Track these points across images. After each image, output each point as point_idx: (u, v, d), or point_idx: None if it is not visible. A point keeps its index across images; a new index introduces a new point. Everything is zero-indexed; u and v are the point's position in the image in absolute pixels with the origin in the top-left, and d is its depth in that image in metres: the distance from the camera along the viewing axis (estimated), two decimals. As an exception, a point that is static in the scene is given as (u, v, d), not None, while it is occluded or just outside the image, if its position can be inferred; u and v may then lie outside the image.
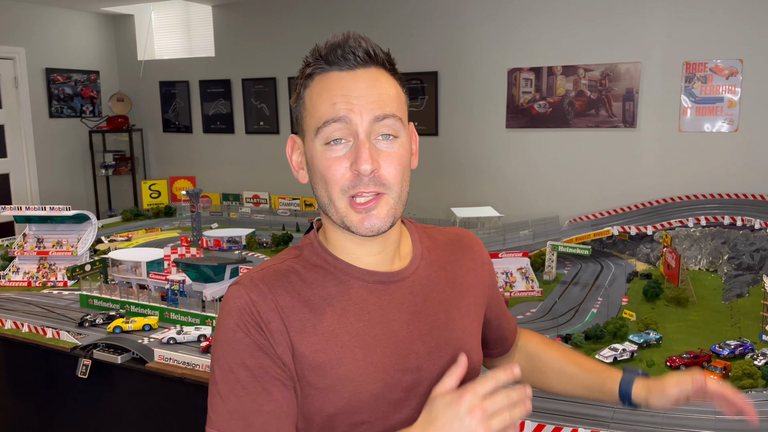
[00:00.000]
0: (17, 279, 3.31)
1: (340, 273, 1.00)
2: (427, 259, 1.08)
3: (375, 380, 0.95)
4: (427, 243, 1.11)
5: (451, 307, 1.06)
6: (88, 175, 6.07)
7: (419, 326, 1.01)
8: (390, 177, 0.94)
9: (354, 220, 0.95)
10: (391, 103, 0.95)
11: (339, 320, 0.96)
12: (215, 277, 2.93)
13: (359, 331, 0.96)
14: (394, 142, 0.95)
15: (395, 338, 0.99)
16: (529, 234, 3.90)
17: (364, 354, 0.96)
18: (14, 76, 5.40)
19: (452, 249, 1.13)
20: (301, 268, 1.00)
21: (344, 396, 0.94)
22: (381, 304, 0.99)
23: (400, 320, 1.00)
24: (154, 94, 6.11)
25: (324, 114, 0.93)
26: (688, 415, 1.79)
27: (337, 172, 0.93)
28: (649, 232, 3.56)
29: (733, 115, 3.81)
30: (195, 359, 2.17)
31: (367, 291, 0.99)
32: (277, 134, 5.52)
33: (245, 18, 5.51)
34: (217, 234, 4.10)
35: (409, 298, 1.02)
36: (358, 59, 0.94)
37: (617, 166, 4.20)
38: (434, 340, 1.02)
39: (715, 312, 2.74)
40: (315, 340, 0.94)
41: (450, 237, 1.16)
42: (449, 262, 1.11)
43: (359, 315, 0.97)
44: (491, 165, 4.56)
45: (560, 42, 4.27)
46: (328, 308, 0.97)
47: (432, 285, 1.06)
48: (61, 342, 2.42)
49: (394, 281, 1.02)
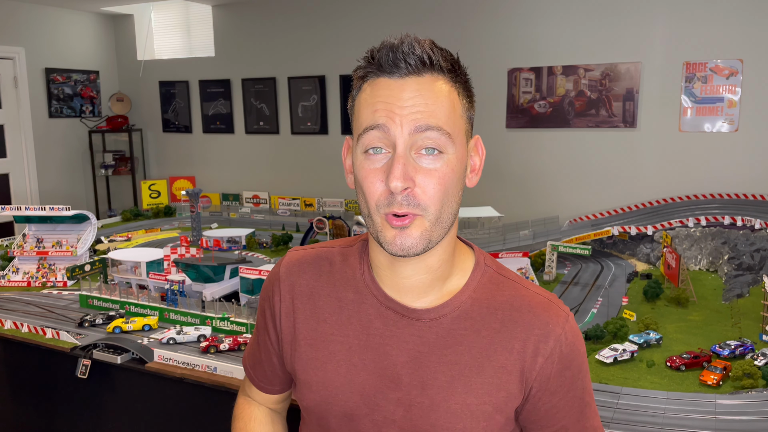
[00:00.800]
0: (17, 279, 3.31)
1: (362, 283, 0.98)
2: (464, 312, 0.94)
3: (347, 399, 0.96)
4: (483, 294, 0.96)
5: (459, 375, 0.92)
6: (88, 175, 6.07)
7: (412, 374, 0.93)
8: (426, 197, 0.85)
9: (387, 237, 0.88)
10: (439, 115, 0.86)
11: (340, 328, 0.97)
12: (215, 277, 2.93)
13: (352, 347, 0.96)
14: (437, 159, 0.86)
15: (384, 372, 0.94)
16: (529, 234, 3.90)
17: (346, 370, 0.96)
18: (14, 76, 5.40)
19: (505, 315, 0.94)
20: (340, 260, 1.02)
21: (316, 398, 0.98)
22: (385, 332, 0.95)
23: (396, 358, 0.94)
24: (154, 94, 6.11)
25: (365, 120, 0.88)
26: (688, 415, 1.79)
27: (373, 186, 0.87)
28: (649, 232, 3.56)
29: (733, 115, 3.81)
30: (195, 359, 2.16)
31: (377, 314, 0.96)
32: (277, 134, 5.52)
33: (245, 18, 5.51)
34: (216, 234, 4.09)
35: (417, 341, 0.94)
36: (409, 67, 0.86)
37: (617, 166, 4.20)
38: (421, 397, 0.93)
39: (716, 312, 2.74)
40: (313, 335, 0.99)
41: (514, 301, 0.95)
42: (488, 328, 0.93)
43: (359, 333, 0.96)
44: (491, 165, 4.55)
45: (560, 42, 4.27)
46: (336, 310, 0.98)
47: (452, 341, 0.93)
48: (61, 342, 2.42)
49: (407, 317, 0.95)
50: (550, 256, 3.31)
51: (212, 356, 2.22)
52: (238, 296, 2.86)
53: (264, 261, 3.66)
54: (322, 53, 5.17)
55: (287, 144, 5.49)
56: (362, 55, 0.92)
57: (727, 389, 1.96)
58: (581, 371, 0.97)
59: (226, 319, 2.46)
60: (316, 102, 5.28)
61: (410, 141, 0.85)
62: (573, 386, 0.96)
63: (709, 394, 1.93)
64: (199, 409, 2.21)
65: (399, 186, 0.83)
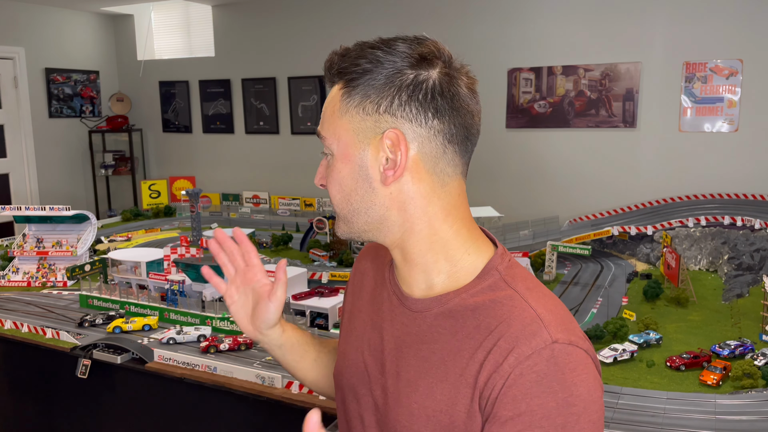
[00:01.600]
0: (17, 279, 3.31)
1: (386, 270, 1.02)
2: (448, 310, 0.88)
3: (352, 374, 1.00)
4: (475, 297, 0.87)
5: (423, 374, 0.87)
6: (88, 175, 6.07)
7: (392, 362, 0.92)
8: (331, 195, 0.93)
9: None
10: (324, 122, 0.92)
11: (365, 306, 1.03)
12: (215, 277, 2.92)
13: (367, 325, 1.01)
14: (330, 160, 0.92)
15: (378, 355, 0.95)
16: (529, 234, 3.90)
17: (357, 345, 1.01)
18: (14, 76, 5.40)
19: (481, 319, 0.84)
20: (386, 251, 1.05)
21: (338, 366, 1.05)
22: (386, 316, 0.96)
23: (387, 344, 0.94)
24: (154, 94, 6.11)
25: None
26: (687, 415, 1.79)
27: None
28: (649, 232, 3.56)
29: (733, 115, 3.81)
30: (195, 359, 2.16)
31: (387, 297, 0.98)
32: (277, 134, 5.53)
33: (245, 18, 5.51)
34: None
35: (403, 330, 0.93)
36: (329, 76, 0.93)
37: (617, 166, 4.20)
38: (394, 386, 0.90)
39: (715, 312, 2.74)
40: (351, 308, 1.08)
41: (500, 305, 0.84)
42: (463, 329, 0.85)
43: (372, 313, 1.00)
44: (491, 165, 4.55)
45: (560, 42, 4.27)
46: (370, 290, 1.04)
47: (428, 338, 0.88)
48: (61, 342, 2.42)
49: (402, 304, 0.94)
50: (550, 256, 3.31)
51: (212, 356, 2.23)
52: (238, 296, 2.86)
53: (264, 261, 3.66)
54: (322, 53, 5.08)
55: (287, 144, 5.49)
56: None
57: (727, 389, 1.96)
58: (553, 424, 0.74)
59: (226, 319, 2.47)
60: (316, 102, 5.28)
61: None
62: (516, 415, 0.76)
63: (709, 394, 1.93)
64: (199, 409, 2.21)
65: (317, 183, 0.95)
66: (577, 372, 0.77)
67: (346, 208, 0.91)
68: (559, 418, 0.75)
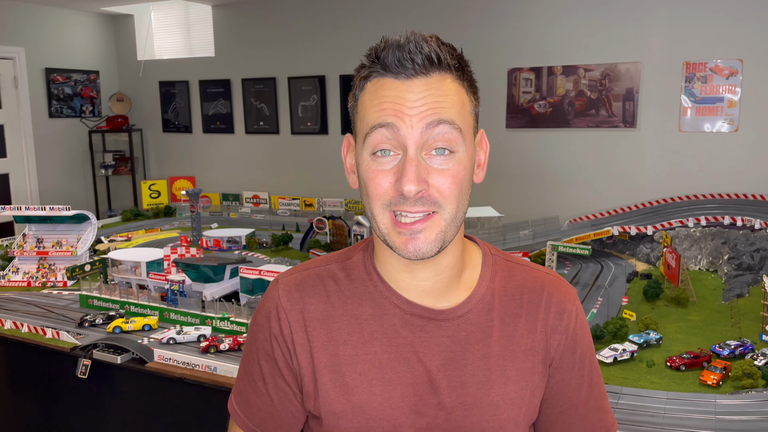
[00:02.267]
0: (17, 279, 3.31)
1: (379, 295, 0.93)
2: (486, 303, 0.94)
3: (388, 418, 0.90)
4: (498, 282, 0.96)
5: (495, 367, 0.92)
6: (88, 175, 6.07)
7: (450, 376, 0.91)
8: (442, 195, 0.83)
9: (397, 242, 0.84)
10: (449, 110, 0.82)
11: (364, 346, 0.91)
12: (215, 277, 2.93)
13: (382, 362, 0.91)
14: (449, 159, 0.83)
15: (419, 380, 0.90)
16: (529, 234, 3.90)
17: (381, 389, 0.90)
18: (14, 76, 5.40)
19: (523, 298, 0.95)
20: (343, 276, 0.95)
21: (353, 425, 0.91)
22: (414, 340, 0.91)
23: (431, 363, 0.91)
24: (154, 94, 6.11)
25: (372, 119, 0.84)
26: (688, 415, 1.79)
27: (380, 186, 0.83)
28: (649, 232, 3.56)
29: (733, 115, 3.81)
30: (195, 359, 2.17)
31: (402, 323, 0.91)
32: (277, 134, 5.52)
33: (245, 18, 5.51)
34: (216, 234, 4.09)
35: (448, 342, 0.91)
36: (417, 66, 0.82)
37: (617, 166, 4.20)
38: (462, 396, 0.91)
39: (715, 312, 2.74)
40: (335, 360, 0.92)
41: (527, 283, 0.96)
42: (510, 314, 0.94)
43: (386, 346, 0.91)
44: (491, 165, 4.48)
45: (560, 42, 4.27)
46: (356, 329, 0.92)
47: (481, 335, 0.92)
48: (61, 342, 2.42)
49: (435, 319, 0.91)
50: (550, 256, 3.31)
51: (212, 356, 2.23)
52: (238, 296, 2.86)
53: (264, 261, 3.66)
54: (322, 53, 5.17)
55: (287, 144, 5.49)
56: (364, 54, 0.89)
57: (727, 389, 1.96)
58: (590, 349, 1.00)
59: (226, 319, 2.47)
60: (316, 102, 5.28)
61: (421, 141, 0.82)
62: (582, 364, 0.98)
63: (709, 394, 1.93)
64: (199, 409, 2.21)
65: (413, 189, 0.80)
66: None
67: (455, 204, 0.85)
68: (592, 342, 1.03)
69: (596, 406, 1.00)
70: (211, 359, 2.18)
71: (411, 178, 0.80)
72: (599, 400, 1.01)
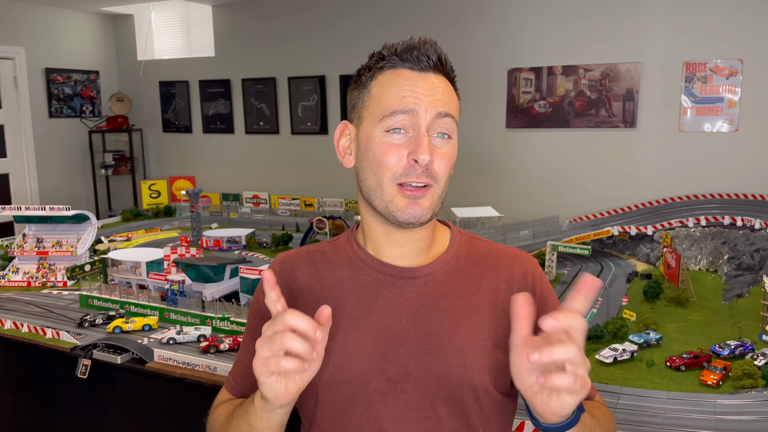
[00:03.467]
0: (17, 279, 3.30)
1: (358, 260, 1.09)
2: (452, 266, 1.08)
3: (360, 362, 1.01)
4: (463, 252, 1.11)
5: (459, 317, 1.03)
6: (88, 175, 6.07)
7: (417, 326, 1.02)
8: (439, 171, 1.00)
9: (399, 205, 1.00)
10: (451, 106, 1.02)
11: (342, 301, 1.05)
12: (215, 277, 2.93)
13: (357, 314, 1.04)
14: (447, 142, 1.02)
15: (390, 330, 1.03)
16: (529, 234, 3.90)
17: (355, 335, 1.03)
18: (14, 76, 5.40)
19: (486, 263, 1.10)
20: (330, 250, 1.13)
21: (329, 369, 1.01)
22: (386, 295, 1.05)
23: (400, 315, 1.03)
24: (154, 94, 6.11)
25: (392, 104, 0.99)
26: (687, 415, 1.79)
27: (393, 158, 0.99)
28: (649, 232, 3.56)
29: (733, 115, 3.81)
30: (195, 359, 2.16)
31: (375, 280, 1.06)
32: (277, 134, 5.53)
33: (245, 18, 5.51)
34: (216, 234, 4.09)
35: (416, 296, 1.04)
36: (430, 62, 1.01)
37: (617, 166, 4.20)
38: (429, 343, 1.02)
39: (715, 312, 2.74)
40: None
41: (491, 252, 1.12)
42: (474, 276, 1.08)
43: (361, 300, 1.05)
44: (491, 165, 4.56)
45: (560, 42, 4.27)
46: (336, 288, 1.07)
47: (446, 291, 1.05)
48: (61, 342, 2.42)
49: (404, 276, 1.06)
50: (550, 256, 3.31)
51: (212, 356, 2.23)
52: (238, 296, 2.86)
53: (264, 261, 3.66)
54: (322, 53, 5.17)
55: (287, 144, 5.49)
56: (366, 53, 1.06)
57: (727, 389, 1.96)
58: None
59: (226, 319, 2.47)
60: (316, 102, 5.28)
61: (430, 124, 0.99)
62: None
63: (709, 394, 1.93)
64: (199, 409, 2.21)
65: (426, 159, 0.97)
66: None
67: (445, 181, 1.03)
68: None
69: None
70: (211, 359, 2.18)
71: (425, 149, 0.97)
72: None
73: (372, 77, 1.03)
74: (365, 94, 1.04)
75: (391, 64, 1.01)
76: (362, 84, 1.05)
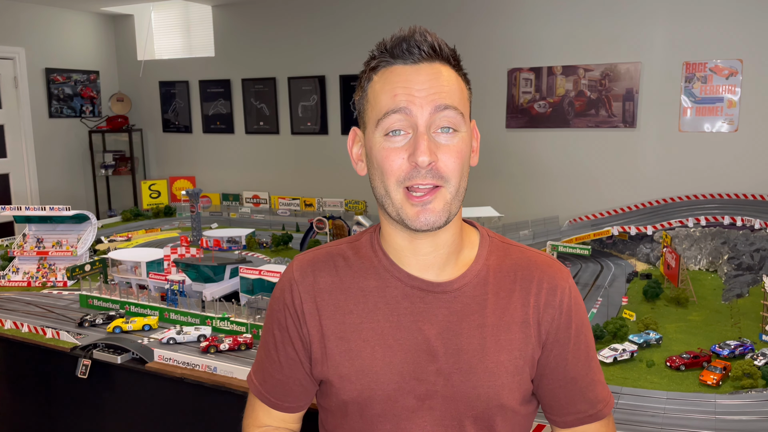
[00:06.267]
0: (17, 279, 3.31)
1: (383, 269, 1.02)
2: (482, 278, 1.02)
3: (389, 381, 0.99)
4: (493, 261, 1.04)
5: (489, 336, 0.99)
6: (88, 175, 6.07)
7: (447, 344, 0.99)
8: (448, 170, 0.93)
9: (409, 213, 0.94)
10: (453, 96, 0.94)
11: (368, 315, 1.00)
12: (215, 277, 2.93)
13: (384, 330, 1.00)
14: (454, 136, 0.94)
15: (418, 347, 0.98)
16: (529, 234, 3.90)
17: (383, 353, 0.99)
18: (14, 76, 5.40)
19: (516, 275, 1.03)
20: (352, 254, 1.06)
21: (357, 387, 0.99)
22: (414, 310, 1.00)
23: (429, 332, 0.99)
24: (154, 94, 6.11)
25: (385, 105, 0.94)
26: (688, 415, 1.79)
27: (394, 163, 0.93)
28: (649, 232, 3.56)
29: (733, 115, 3.81)
30: (195, 359, 2.16)
31: (403, 294, 1.00)
32: (277, 134, 5.53)
33: (245, 18, 5.51)
34: (216, 234, 4.09)
35: (446, 313, 1.00)
36: (422, 53, 0.94)
37: (617, 166, 4.20)
38: (459, 363, 0.98)
39: (715, 312, 2.74)
40: (342, 328, 1.01)
41: (521, 261, 1.05)
42: (504, 288, 1.02)
43: (388, 315, 1.00)
44: (491, 165, 4.56)
45: (560, 42, 4.27)
46: (361, 300, 1.01)
47: (476, 307, 1.00)
48: (61, 342, 2.42)
49: (433, 291, 1.00)
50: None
51: (212, 356, 2.23)
52: (238, 296, 2.86)
53: (264, 261, 3.66)
54: (322, 53, 5.17)
55: (287, 144, 5.49)
56: (366, 53, 0.99)
57: (727, 389, 1.96)
58: (585, 325, 1.05)
59: (226, 319, 2.47)
60: (316, 102, 5.28)
61: (430, 121, 0.92)
62: (579, 339, 1.03)
63: (709, 394, 1.93)
64: (199, 409, 2.22)
65: (426, 160, 0.90)
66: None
67: (458, 179, 0.95)
68: (587, 319, 1.07)
69: (595, 379, 1.06)
70: (211, 359, 2.18)
71: (424, 150, 0.91)
72: (597, 374, 1.07)
73: (368, 79, 0.98)
74: (364, 98, 0.99)
75: (384, 62, 0.95)
76: (362, 88, 1.00)
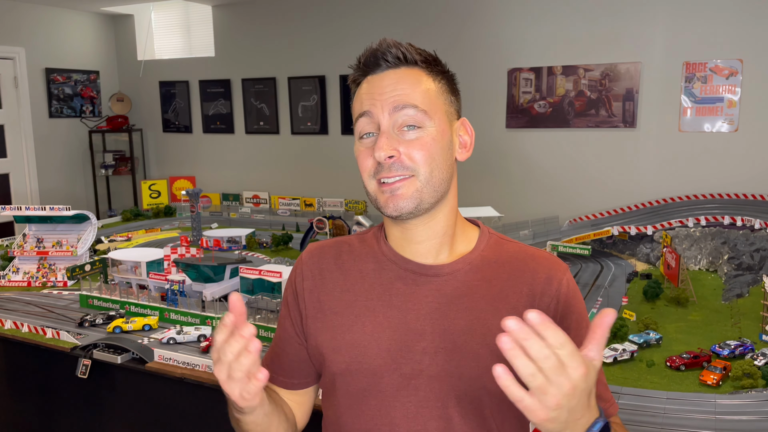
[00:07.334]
0: (17, 279, 3.31)
1: (382, 255, 1.10)
2: (475, 266, 1.07)
3: (375, 355, 1.04)
4: (489, 252, 1.09)
5: (476, 319, 1.02)
6: (88, 175, 6.07)
7: (434, 324, 1.03)
8: (414, 161, 0.99)
9: (381, 201, 1.02)
10: (414, 96, 1.00)
11: (364, 293, 1.08)
12: (215, 277, 2.93)
13: (376, 307, 1.06)
14: (417, 131, 1.00)
15: (407, 326, 1.04)
16: (529, 234, 3.90)
17: (372, 329, 1.05)
18: (14, 76, 5.40)
19: (511, 266, 1.07)
20: (357, 243, 1.15)
21: (345, 359, 1.05)
22: (406, 291, 1.06)
23: (418, 312, 1.04)
24: (154, 94, 6.11)
25: (356, 111, 1.05)
26: (687, 415, 1.79)
27: (367, 161, 1.02)
28: (649, 232, 3.56)
29: (733, 115, 3.81)
30: (195, 359, 2.16)
31: (396, 276, 1.07)
32: (277, 134, 5.53)
33: (245, 18, 5.51)
34: (217, 234, 4.09)
35: (436, 295, 1.05)
36: (387, 63, 1.03)
37: (617, 166, 4.20)
38: (444, 342, 1.02)
39: (715, 312, 2.74)
40: (337, 303, 1.09)
41: (518, 254, 1.09)
42: (498, 278, 1.06)
43: (381, 294, 1.07)
44: (491, 165, 4.56)
45: (560, 42, 4.27)
46: (359, 281, 1.09)
47: (466, 291, 1.04)
48: (61, 342, 2.42)
49: (425, 274, 1.06)
50: (550, 256, 3.30)
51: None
52: (238, 296, 2.86)
53: (264, 261, 3.66)
54: (322, 53, 5.17)
55: (287, 144, 5.50)
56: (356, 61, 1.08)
57: (727, 389, 1.96)
58: (584, 319, 1.07)
59: (226, 319, 2.46)
60: (316, 102, 5.28)
61: (391, 120, 1.00)
62: (579, 331, 1.02)
63: (709, 394, 1.93)
64: (199, 409, 2.22)
65: (382, 155, 0.98)
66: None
67: (428, 168, 1.00)
68: (586, 313, 1.09)
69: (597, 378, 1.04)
70: (211, 359, 2.18)
71: (380, 146, 0.98)
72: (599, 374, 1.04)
73: (353, 93, 1.08)
74: (353, 110, 1.09)
75: (360, 77, 1.05)
76: (352, 101, 1.10)
